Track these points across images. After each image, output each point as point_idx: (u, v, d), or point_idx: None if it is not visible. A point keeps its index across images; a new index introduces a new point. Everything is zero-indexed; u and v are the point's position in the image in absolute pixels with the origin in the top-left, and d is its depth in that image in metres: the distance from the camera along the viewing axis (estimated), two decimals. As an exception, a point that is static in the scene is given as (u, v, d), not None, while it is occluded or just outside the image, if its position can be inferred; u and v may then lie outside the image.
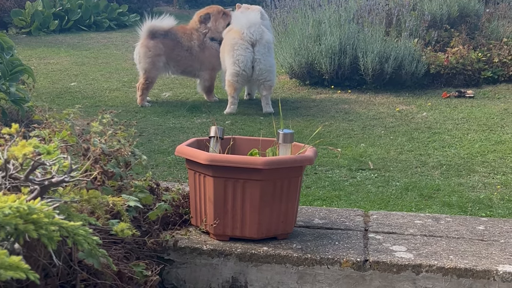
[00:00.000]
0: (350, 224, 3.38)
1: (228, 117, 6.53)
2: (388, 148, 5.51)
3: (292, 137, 3.12)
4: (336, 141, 5.74)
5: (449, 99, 7.28)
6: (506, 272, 2.80)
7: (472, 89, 7.55)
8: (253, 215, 2.96)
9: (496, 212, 3.98)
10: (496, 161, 5.11)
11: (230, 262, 2.94)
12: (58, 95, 7.37)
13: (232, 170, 2.92)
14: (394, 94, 7.51)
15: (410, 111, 6.86)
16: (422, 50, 7.86)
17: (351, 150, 5.46)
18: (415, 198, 4.29)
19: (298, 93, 7.64)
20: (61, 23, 12.41)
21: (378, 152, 5.41)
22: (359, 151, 5.42)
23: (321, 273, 2.91)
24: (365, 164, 5.06)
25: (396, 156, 5.30)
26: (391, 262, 2.88)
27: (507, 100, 7.22)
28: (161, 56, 7.15)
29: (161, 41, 7.17)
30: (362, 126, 6.29)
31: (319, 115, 6.71)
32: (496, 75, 7.81)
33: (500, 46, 8.18)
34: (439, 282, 2.84)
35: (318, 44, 7.69)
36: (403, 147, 5.54)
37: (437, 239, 3.17)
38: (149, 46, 7.14)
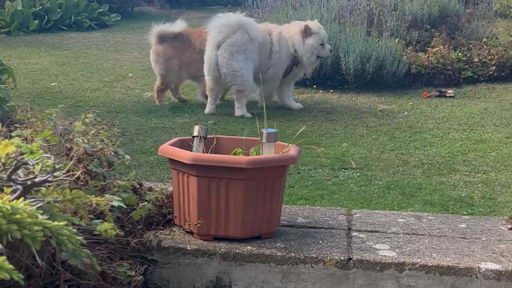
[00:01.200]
0: (333, 223, 3.39)
1: (211, 117, 6.52)
2: (370, 148, 5.54)
3: (276, 136, 3.12)
4: (318, 141, 5.75)
5: (430, 99, 7.33)
6: (488, 269, 2.83)
7: (453, 89, 7.62)
8: (237, 214, 2.96)
9: (478, 210, 4.02)
10: (477, 159, 5.16)
11: (214, 261, 2.94)
12: (39, 95, 7.31)
13: (215, 169, 2.92)
14: (376, 93, 7.55)
15: (392, 111, 6.90)
16: (403, 50, 7.92)
17: (334, 149, 5.47)
18: (397, 197, 4.31)
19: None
20: (41, 23, 12.30)
21: (360, 151, 5.43)
22: (342, 151, 5.44)
23: (305, 272, 2.92)
24: (348, 163, 5.08)
25: (378, 155, 5.33)
26: (374, 261, 2.90)
27: (487, 99, 7.30)
28: (173, 59, 7.05)
29: (171, 44, 7.06)
30: (344, 125, 6.32)
31: (301, 114, 6.73)
32: (476, 75, 7.89)
33: (480, 46, 8.27)
34: (422, 280, 2.86)
35: (300, 44, 7.69)
36: (385, 146, 5.57)
37: (420, 237, 3.19)
38: (159, 52, 7.10)
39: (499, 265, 2.85)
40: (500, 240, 3.16)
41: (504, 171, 4.84)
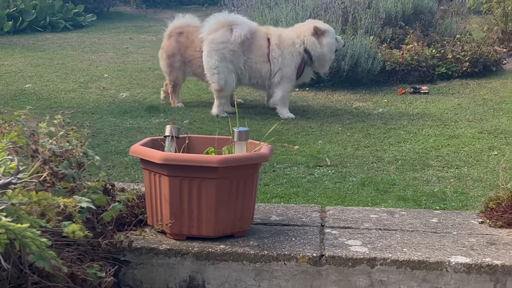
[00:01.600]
0: (306, 220, 3.41)
1: (186, 117, 6.51)
2: (345, 145, 5.57)
3: (247, 134, 3.12)
4: (294, 139, 5.77)
5: (404, 95, 7.39)
6: (458, 263, 2.86)
7: (427, 85, 7.68)
8: (210, 213, 2.96)
9: (450, 205, 4.06)
10: (450, 155, 5.22)
11: (187, 261, 2.94)
12: (13, 97, 7.23)
13: (187, 169, 2.92)
14: (351, 91, 7.59)
15: (367, 108, 6.95)
16: (378, 47, 7.97)
17: (309, 147, 5.50)
18: (371, 193, 4.34)
19: (257, 92, 7.65)
20: (15, 24, 12.18)
21: (335, 148, 5.46)
22: (317, 148, 5.46)
23: (278, 269, 2.93)
24: (323, 160, 5.10)
25: (353, 152, 5.36)
26: (346, 256, 2.92)
27: (460, 95, 7.37)
28: (175, 56, 6.90)
29: (176, 39, 6.90)
30: (319, 123, 6.35)
31: (277, 113, 6.74)
32: (450, 71, 7.96)
33: (453, 42, 8.35)
34: (393, 275, 2.89)
35: (275, 43, 7.71)
36: (360, 143, 5.61)
37: (392, 232, 3.22)
38: (164, 46, 7.00)
39: (469, 259, 2.88)
40: (470, 234, 3.20)
41: (477, 166, 4.90)
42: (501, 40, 9.31)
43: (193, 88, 7.84)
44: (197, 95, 7.55)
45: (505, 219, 3.33)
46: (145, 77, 8.45)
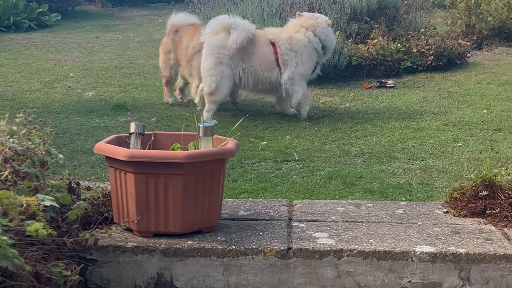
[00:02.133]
0: (274, 214, 3.43)
1: (154, 114, 6.48)
2: (313, 139, 5.60)
3: (213, 130, 3.13)
4: (262, 134, 5.79)
5: (370, 90, 7.46)
6: (423, 252, 2.91)
7: (393, 79, 7.76)
8: (177, 210, 2.96)
9: (416, 196, 4.12)
10: (415, 147, 5.28)
11: (154, 258, 2.93)
12: (-24, 98, 7.11)
13: (153, 165, 2.91)
14: (318, 86, 7.63)
15: (334, 103, 7.00)
16: (344, 42, 8.02)
17: (277, 142, 5.52)
18: (338, 186, 4.38)
19: (224, 89, 7.64)
20: (-22, 25, 11.96)
21: (303, 143, 5.49)
22: (285, 143, 5.48)
23: (246, 263, 2.94)
24: (291, 155, 5.12)
25: (321, 146, 5.40)
26: (313, 249, 2.94)
27: (425, 88, 7.46)
28: (170, 53, 6.92)
29: (172, 38, 6.94)
30: (287, 118, 6.37)
31: (245, 109, 6.75)
32: (415, 65, 8.06)
33: (418, 36, 8.44)
34: (360, 266, 2.92)
35: (242, 39, 7.71)
36: (327, 138, 5.64)
37: (358, 224, 3.25)
38: (162, 43, 7.09)
39: (434, 248, 2.93)
40: (435, 224, 3.25)
41: (441, 157, 4.97)
42: (465, 34, 9.44)
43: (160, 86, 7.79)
44: (165, 93, 7.50)
45: (469, 208, 3.39)
46: (112, 76, 8.38)
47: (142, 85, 7.85)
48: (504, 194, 3.42)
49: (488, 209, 3.34)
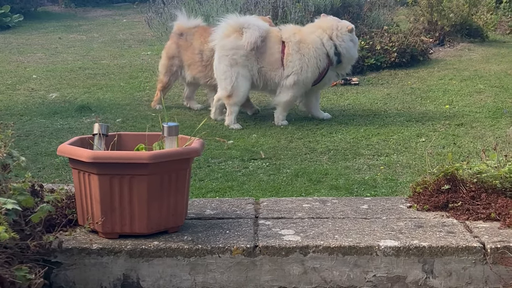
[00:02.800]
0: (241, 213, 3.44)
1: (119, 115, 6.43)
2: (279, 137, 5.63)
3: (177, 129, 3.12)
4: (228, 133, 5.80)
5: (336, 87, 7.52)
6: (387, 246, 2.95)
7: (357, 77, 7.83)
8: (142, 210, 2.95)
9: (380, 191, 4.17)
10: (380, 143, 5.35)
11: (120, 259, 2.91)
12: None
13: (117, 166, 2.89)
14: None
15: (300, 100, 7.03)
16: (309, 40, 8.04)
17: (244, 141, 5.53)
18: (304, 183, 4.41)
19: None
20: None
21: (269, 141, 5.51)
22: (251, 142, 5.50)
23: (213, 262, 2.95)
24: (257, 154, 5.14)
25: (287, 144, 5.43)
26: (279, 246, 2.96)
27: (389, 85, 7.56)
28: (174, 59, 6.60)
29: (176, 41, 6.60)
30: (254, 117, 6.39)
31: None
32: (379, 62, 8.15)
33: (381, 34, 8.54)
34: (326, 261, 2.95)
35: (208, 38, 7.70)
36: (293, 135, 5.68)
37: (324, 220, 3.28)
38: (166, 46, 6.75)
39: (398, 242, 2.97)
40: (399, 218, 3.30)
41: (405, 153, 5.04)
42: (427, 31, 9.58)
43: (125, 86, 7.75)
44: (130, 93, 7.46)
45: (432, 202, 3.45)
46: (76, 77, 8.29)
47: (107, 86, 7.79)
48: (466, 187, 3.48)
49: (451, 203, 3.40)
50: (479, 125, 5.76)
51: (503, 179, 3.51)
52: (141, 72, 8.51)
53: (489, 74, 7.76)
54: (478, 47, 9.42)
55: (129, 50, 10.24)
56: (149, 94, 7.34)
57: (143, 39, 11.05)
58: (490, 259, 2.91)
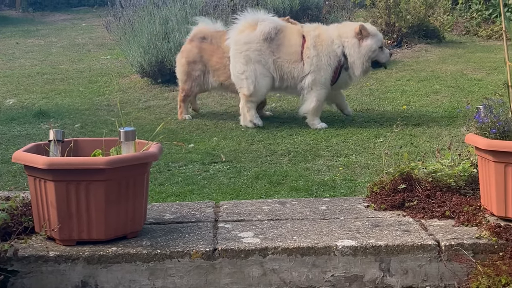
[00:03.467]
0: (200, 216, 3.44)
1: (77, 120, 6.36)
2: (240, 140, 5.65)
3: (134, 134, 3.11)
4: (189, 137, 5.78)
5: (296, 89, 7.54)
6: (345, 246, 2.99)
7: (317, 78, 7.87)
8: (99, 216, 2.93)
9: (339, 192, 4.21)
10: (339, 144, 5.41)
11: (78, 266, 2.89)
12: None
13: (73, 172, 2.87)
14: (245, 87, 7.66)
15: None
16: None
17: (204, 144, 5.53)
18: (265, 185, 4.43)
19: (151, 92, 7.60)
20: None
21: (230, 144, 5.52)
22: (212, 145, 5.50)
23: (172, 266, 2.94)
24: (218, 157, 5.14)
25: (247, 147, 5.44)
26: (239, 249, 2.97)
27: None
28: (196, 64, 6.26)
29: (197, 45, 6.27)
30: (215, 120, 6.39)
31: (172, 112, 6.72)
32: (338, 64, 8.20)
33: (340, 36, 8.60)
34: (284, 263, 2.97)
35: (167, 42, 7.69)
36: (254, 138, 5.70)
37: (283, 222, 3.31)
38: (183, 51, 6.36)
39: (355, 241, 3.01)
40: (356, 218, 3.35)
41: (364, 153, 5.10)
42: (385, 32, 9.70)
43: (84, 91, 7.67)
44: (89, 98, 7.39)
45: (389, 201, 3.51)
46: (33, 82, 8.17)
47: (65, 91, 7.70)
48: (421, 186, 3.55)
49: (407, 202, 3.47)
50: (435, 124, 5.87)
51: (457, 178, 3.59)
52: (100, 77, 8.43)
53: (445, 75, 7.91)
54: (435, 48, 9.59)
55: (88, 54, 10.14)
56: (108, 98, 7.28)
57: (103, 43, 10.95)
58: (444, 256, 2.97)
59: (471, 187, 3.55)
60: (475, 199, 3.41)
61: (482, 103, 3.42)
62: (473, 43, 10.19)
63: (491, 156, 3.14)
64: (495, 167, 3.13)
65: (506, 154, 3.08)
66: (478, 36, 10.62)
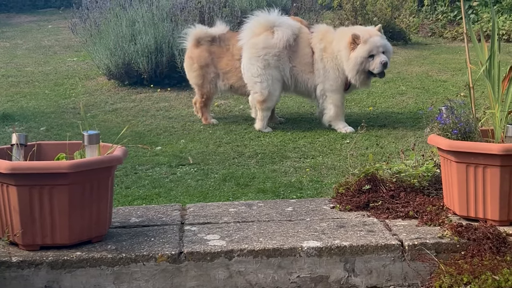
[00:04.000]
0: (167, 219, 3.44)
1: (43, 123, 6.29)
2: (207, 142, 5.64)
3: (98, 138, 3.09)
4: (156, 139, 5.76)
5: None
6: (310, 247, 3.01)
7: (285, 80, 7.90)
8: (63, 221, 2.91)
9: (306, 193, 4.24)
10: (306, 146, 5.44)
11: (42, 271, 2.86)
12: None
13: (36, 176, 2.85)
14: (213, 89, 7.66)
15: (228, 105, 7.06)
16: (236, 45, 8.08)
17: (172, 147, 5.51)
18: (232, 187, 4.44)
19: (118, 94, 7.54)
20: None
21: (197, 146, 5.51)
22: (179, 147, 5.49)
23: (137, 270, 2.93)
24: (185, 159, 5.13)
25: (215, 149, 5.44)
26: (204, 251, 2.98)
27: (316, 88, 7.67)
28: (209, 67, 6.16)
29: (207, 49, 6.17)
30: (182, 123, 6.37)
31: (139, 114, 6.68)
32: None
33: (307, 38, 8.65)
34: (251, 265, 2.98)
35: (133, 44, 7.64)
36: (222, 140, 5.70)
37: (249, 224, 3.32)
38: (193, 57, 6.21)
39: (320, 242, 3.04)
40: (322, 219, 3.37)
41: (330, 155, 5.14)
42: (352, 34, 9.79)
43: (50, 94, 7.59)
44: (55, 100, 7.31)
45: (354, 202, 3.54)
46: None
47: (31, 94, 7.60)
48: (386, 187, 3.60)
49: (371, 202, 3.51)
50: (400, 126, 5.94)
51: (421, 178, 3.65)
52: (66, 79, 8.34)
53: (411, 76, 8.01)
54: (401, 49, 9.70)
55: (54, 56, 10.02)
56: (74, 101, 7.21)
57: (69, 45, 10.83)
58: (408, 256, 3.01)
59: (435, 187, 3.61)
60: (438, 199, 3.46)
61: (444, 105, 3.48)
62: (438, 45, 10.34)
63: (453, 156, 3.19)
64: (457, 167, 3.19)
65: (467, 154, 3.14)
66: (443, 38, 10.78)
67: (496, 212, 3.14)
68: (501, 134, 3.31)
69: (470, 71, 3.47)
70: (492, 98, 3.34)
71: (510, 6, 10.46)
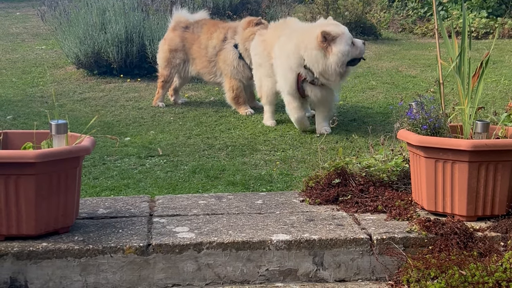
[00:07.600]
0: (135, 211, 3.40)
1: (10, 112, 6.18)
2: (177, 134, 5.60)
3: (66, 127, 3.04)
4: (125, 130, 5.70)
5: (235, 83, 7.53)
6: (279, 240, 3.01)
7: (256, 73, 7.88)
8: (29, 211, 2.86)
9: (276, 186, 4.24)
10: (277, 139, 5.44)
11: (6, 262, 2.81)
12: None
13: (2, 166, 2.79)
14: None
15: (199, 97, 7.03)
16: (207, 37, 8.03)
17: (141, 138, 5.45)
18: (202, 180, 4.41)
19: (87, 83, 7.45)
20: None
21: (167, 138, 5.47)
22: (149, 139, 5.43)
23: (105, 262, 2.90)
24: (154, 151, 5.09)
25: (185, 140, 5.40)
26: (173, 243, 2.95)
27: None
28: (177, 52, 6.46)
29: (180, 34, 6.44)
30: (152, 113, 6.31)
31: (108, 104, 6.60)
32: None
33: (279, 31, 8.64)
34: (219, 257, 2.97)
35: (103, 33, 7.54)
36: (192, 132, 5.66)
37: (219, 216, 3.31)
38: (167, 39, 6.52)
39: (289, 236, 3.04)
40: (292, 212, 3.37)
41: (301, 148, 5.15)
42: (324, 28, 9.82)
43: (17, 82, 7.45)
44: (22, 88, 7.18)
45: (323, 196, 3.55)
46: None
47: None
48: (355, 181, 3.62)
49: (341, 196, 3.52)
50: (370, 120, 5.98)
51: (390, 173, 3.67)
52: (34, 67, 8.20)
53: (381, 71, 8.06)
54: (372, 44, 9.76)
55: (22, 44, 9.84)
56: (42, 90, 7.10)
57: (37, 33, 10.66)
58: (376, 250, 3.03)
59: (403, 182, 3.63)
60: (406, 194, 3.49)
61: (414, 100, 3.50)
62: (408, 41, 10.43)
63: (422, 152, 3.22)
64: (426, 162, 3.22)
65: (436, 150, 3.17)
66: (413, 34, 10.89)
67: (464, 207, 3.17)
68: (470, 130, 3.35)
69: (441, 67, 3.49)
70: (461, 94, 3.37)
71: (479, 4, 10.59)
